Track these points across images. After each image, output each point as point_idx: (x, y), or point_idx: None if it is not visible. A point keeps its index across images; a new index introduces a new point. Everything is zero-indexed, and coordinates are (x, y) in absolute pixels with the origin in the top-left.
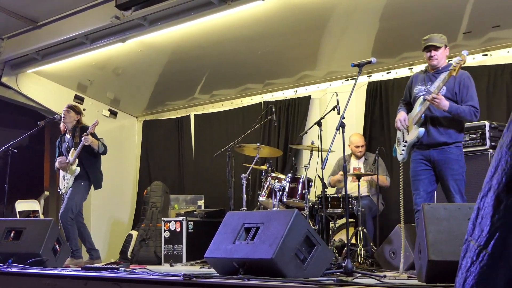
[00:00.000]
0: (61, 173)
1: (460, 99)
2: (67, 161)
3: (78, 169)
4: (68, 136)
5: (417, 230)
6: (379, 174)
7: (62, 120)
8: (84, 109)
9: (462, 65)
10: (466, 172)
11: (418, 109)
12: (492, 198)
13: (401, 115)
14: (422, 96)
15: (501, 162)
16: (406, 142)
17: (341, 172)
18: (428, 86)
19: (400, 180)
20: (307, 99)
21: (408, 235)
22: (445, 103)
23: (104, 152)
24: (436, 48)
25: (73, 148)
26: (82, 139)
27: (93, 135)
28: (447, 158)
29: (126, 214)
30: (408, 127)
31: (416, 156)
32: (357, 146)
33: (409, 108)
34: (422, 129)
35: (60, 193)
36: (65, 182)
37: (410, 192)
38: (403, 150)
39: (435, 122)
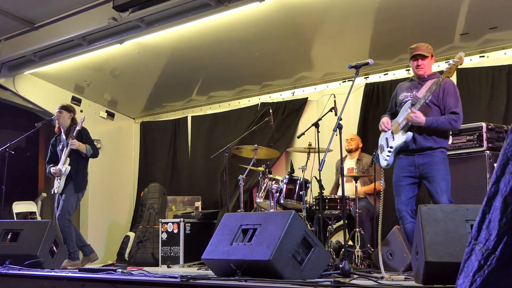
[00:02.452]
0: None
1: (443, 106)
2: (59, 168)
3: (68, 168)
4: (63, 136)
5: (406, 236)
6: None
7: (56, 122)
8: (81, 111)
9: (459, 66)
10: (463, 173)
11: (405, 114)
12: (500, 201)
13: (384, 119)
14: (409, 101)
15: (508, 166)
16: (391, 147)
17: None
18: (414, 93)
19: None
20: (305, 100)
21: (404, 237)
22: (421, 120)
23: (93, 155)
24: (424, 57)
25: (65, 148)
26: (69, 142)
27: (86, 137)
28: (432, 160)
29: (123, 216)
30: (392, 132)
31: (401, 162)
32: (347, 139)
33: (393, 118)
34: (410, 133)
35: (52, 193)
36: (57, 182)
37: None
38: (387, 156)
39: (421, 128)
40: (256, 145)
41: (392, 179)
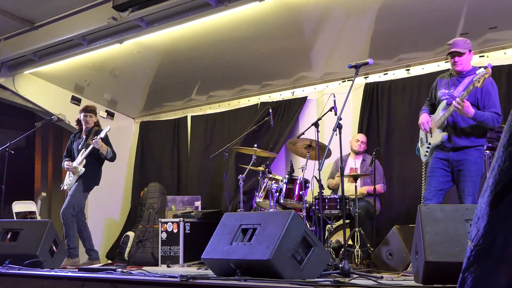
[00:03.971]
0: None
1: (482, 105)
2: (74, 166)
3: (83, 169)
4: (83, 135)
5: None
6: (376, 183)
7: (86, 124)
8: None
9: (486, 78)
10: None
11: (441, 113)
12: (489, 198)
13: (424, 117)
14: (445, 101)
15: (497, 162)
16: (429, 144)
17: (338, 174)
18: (452, 91)
19: (423, 181)
20: (304, 100)
21: (404, 236)
22: (470, 111)
23: (112, 159)
24: (460, 54)
25: (84, 149)
26: (92, 141)
27: (105, 140)
28: (466, 159)
29: (123, 215)
30: (431, 129)
31: (437, 154)
32: (357, 140)
33: (432, 109)
34: (445, 135)
35: (62, 189)
36: (69, 179)
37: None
38: (426, 151)
39: (457, 128)
40: (255, 145)
41: (395, 181)
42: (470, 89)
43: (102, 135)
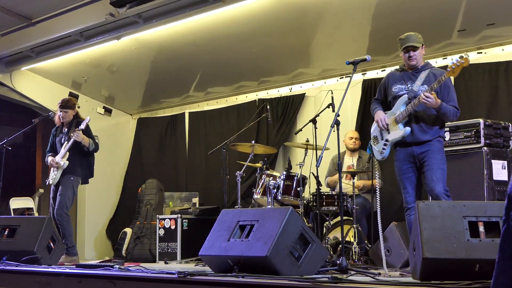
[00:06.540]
0: None
1: (440, 99)
2: (56, 161)
3: (66, 163)
4: (65, 129)
5: (408, 228)
6: (374, 178)
7: (61, 119)
8: (78, 107)
9: (464, 66)
10: (460, 169)
11: (402, 108)
12: None
13: (380, 114)
14: (405, 95)
15: None
16: (387, 140)
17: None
18: (409, 85)
19: (376, 176)
20: (302, 96)
21: (401, 233)
22: (438, 102)
23: (95, 150)
24: (415, 48)
25: (66, 142)
26: (73, 134)
27: (86, 132)
28: (430, 149)
29: (120, 212)
30: (388, 125)
31: (400, 155)
32: (351, 138)
33: (383, 107)
34: (408, 129)
35: (47, 183)
36: (53, 173)
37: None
38: (383, 148)
39: (419, 121)
40: (253, 142)
41: (393, 178)
42: (443, 80)
43: (82, 126)
